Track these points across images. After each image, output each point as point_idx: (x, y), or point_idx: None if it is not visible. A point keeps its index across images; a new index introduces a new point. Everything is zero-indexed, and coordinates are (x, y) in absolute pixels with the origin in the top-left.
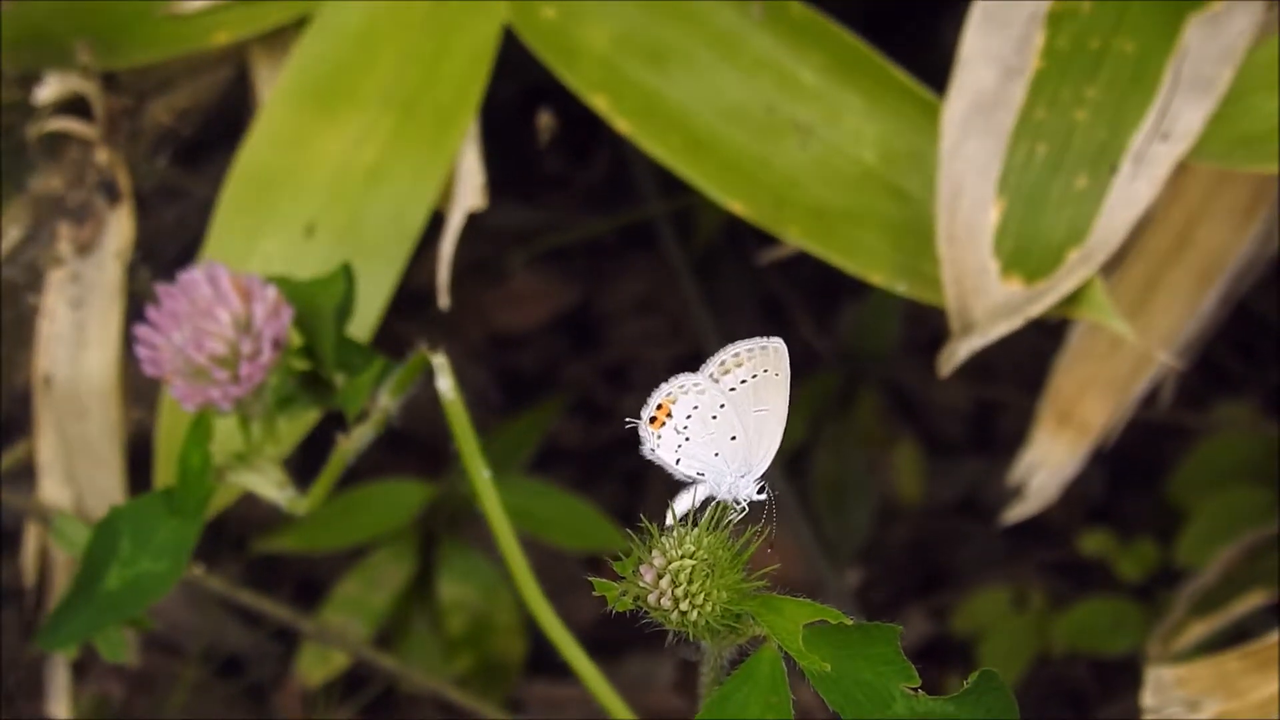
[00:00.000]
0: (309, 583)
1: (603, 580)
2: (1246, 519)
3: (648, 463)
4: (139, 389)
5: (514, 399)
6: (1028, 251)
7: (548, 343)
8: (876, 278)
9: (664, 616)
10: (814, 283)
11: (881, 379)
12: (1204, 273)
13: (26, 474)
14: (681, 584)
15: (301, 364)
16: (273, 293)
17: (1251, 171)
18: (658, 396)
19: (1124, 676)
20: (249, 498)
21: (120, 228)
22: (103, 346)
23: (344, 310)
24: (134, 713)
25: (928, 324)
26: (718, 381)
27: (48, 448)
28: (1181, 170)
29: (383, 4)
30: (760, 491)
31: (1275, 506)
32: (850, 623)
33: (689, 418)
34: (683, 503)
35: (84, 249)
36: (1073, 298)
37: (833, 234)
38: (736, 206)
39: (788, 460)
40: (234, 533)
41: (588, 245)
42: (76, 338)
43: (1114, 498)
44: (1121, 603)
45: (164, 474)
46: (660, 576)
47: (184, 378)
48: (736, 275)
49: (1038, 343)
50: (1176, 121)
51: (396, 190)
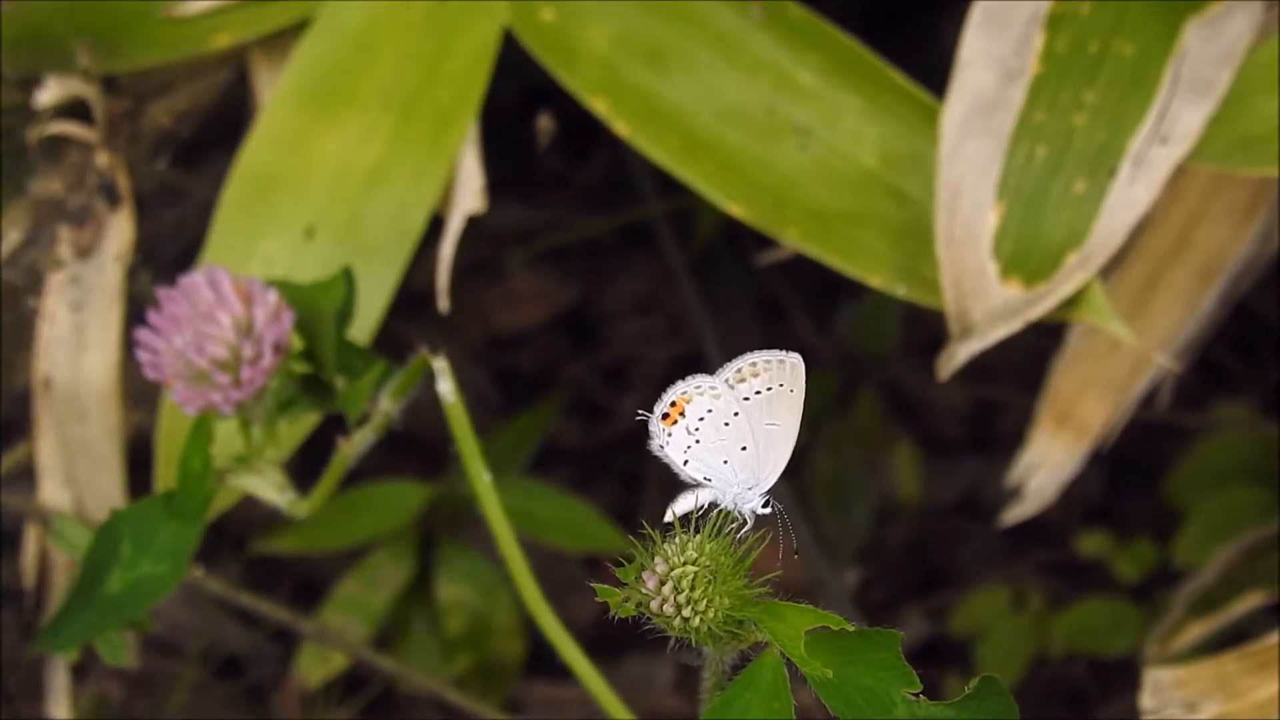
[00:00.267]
0: (308, 583)
1: (604, 586)
2: (1245, 519)
3: (647, 463)
4: (139, 391)
5: (513, 399)
6: (1027, 254)
7: (547, 343)
8: (876, 280)
9: (666, 622)
10: (813, 283)
11: (880, 379)
12: (1203, 273)
13: (26, 476)
14: (684, 590)
15: (302, 367)
16: (274, 296)
17: (1251, 174)
18: (672, 393)
19: (1122, 677)
20: (249, 498)
21: (120, 230)
22: (103, 349)
23: (344, 314)
24: (133, 713)
25: (927, 324)
26: (733, 388)
27: (48, 450)
28: (1180, 171)
29: (383, 6)
30: (765, 505)
31: (1274, 507)
32: (851, 629)
33: (701, 420)
34: (682, 504)
35: (84, 252)
36: (1072, 300)
37: (832, 236)
38: (736, 209)
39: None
40: (233, 533)
41: (587, 245)
42: (76, 340)
43: (1113, 498)
44: (1120, 603)
45: (164, 477)
46: (663, 583)
47: (185, 381)
48: (735, 275)
49: (1037, 343)
50: (1176, 124)
51: (396, 192)
